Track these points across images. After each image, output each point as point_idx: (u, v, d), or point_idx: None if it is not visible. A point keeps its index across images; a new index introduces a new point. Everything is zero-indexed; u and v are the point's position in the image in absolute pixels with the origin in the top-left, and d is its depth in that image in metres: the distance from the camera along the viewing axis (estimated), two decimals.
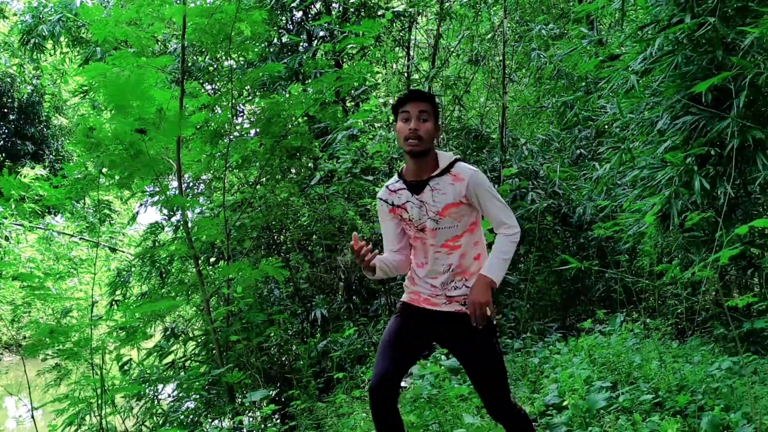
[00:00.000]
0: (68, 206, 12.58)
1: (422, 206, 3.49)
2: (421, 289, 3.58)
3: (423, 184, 3.52)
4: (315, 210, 9.22)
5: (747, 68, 4.85)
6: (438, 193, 3.48)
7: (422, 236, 3.54)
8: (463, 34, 12.44)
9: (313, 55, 11.23)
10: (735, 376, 5.06)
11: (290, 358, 8.68)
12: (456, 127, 10.98)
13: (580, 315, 9.73)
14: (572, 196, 9.84)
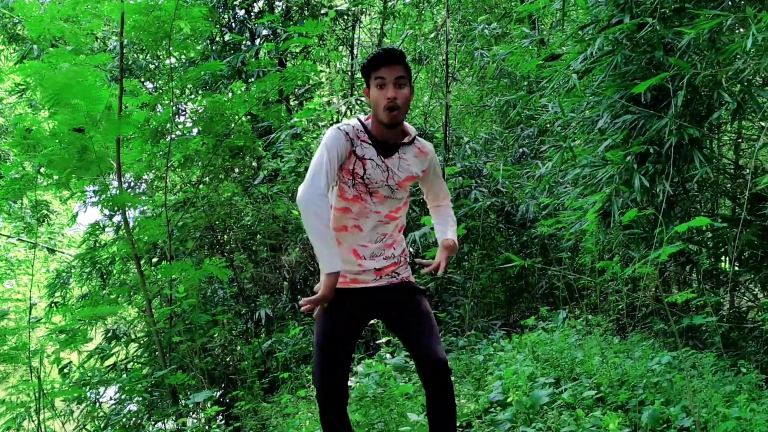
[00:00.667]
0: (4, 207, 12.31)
1: (386, 171, 3.27)
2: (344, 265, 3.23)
3: (394, 149, 3.32)
4: (259, 209, 9.16)
5: (684, 68, 4.94)
6: (404, 162, 3.33)
7: (367, 200, 3.28)
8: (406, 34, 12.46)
9: (256, 54, 11.16)
10: (674, 371, 5.16)
11: (234, 358, 8.61)
12: None
13: (524, 312, 9.82)
14: (515, 194, 9.93)
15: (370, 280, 3.33)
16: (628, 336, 7.06)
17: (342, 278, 3.24)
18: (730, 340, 6.61)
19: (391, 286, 3.36)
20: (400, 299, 3.36)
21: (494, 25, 11.31)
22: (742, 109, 5.23)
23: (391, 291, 3.37)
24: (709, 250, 6.93)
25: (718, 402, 4.22)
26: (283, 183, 9.23)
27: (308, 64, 7.84)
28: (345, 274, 3.27)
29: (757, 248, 6.28)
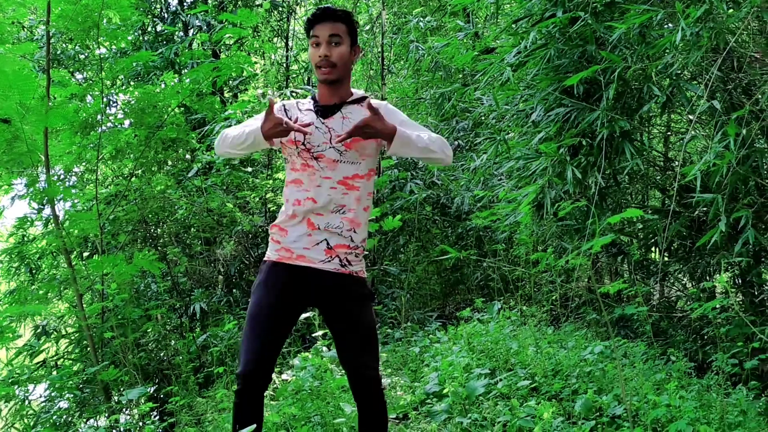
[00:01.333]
0: None
1: (328, 132, 3.18)
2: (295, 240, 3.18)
3: (334, 109, 3.24)
4: (193, 202, 9.05)
5: (615, 62, 5.01)
6: (349, 121, 3.19)
7: (314, 166, 3.17)
8: None
9: (189, 46, 11.00)
10: (606, 360, 5.24)
11: (169, 353, 8.49)
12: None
13: (459, 304, 9.90)
14: (450, 186, 9.98)
15: (318, 260, 3.17)
16: (561, 326, 7.16)
17: (288, 253, 3.19)
18: (660, 329, 6.76)
19: (339, 276, 3.19)
20: (344, 303, 3.22)
21: (429, 18, 11.35)
22: (671, 103, 5.33)
23: (338, 285, 3.20)
24: (640, 241, 7.07)
25: (648, 390, 4.30)
26: (218, 176, 9.14)
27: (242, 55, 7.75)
28: (292, 249, 3.19)
29: (685, 239, 6.41)
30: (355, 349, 3.20)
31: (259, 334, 3.09)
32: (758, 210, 5.41)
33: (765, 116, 4.97)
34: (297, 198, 3.20)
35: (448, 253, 6.23)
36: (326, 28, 3.13)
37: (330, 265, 3.18)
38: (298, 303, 3.24)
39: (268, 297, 3.16)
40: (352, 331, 3.20)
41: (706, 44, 4.82)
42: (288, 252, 3.19)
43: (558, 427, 4.11)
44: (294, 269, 3.18)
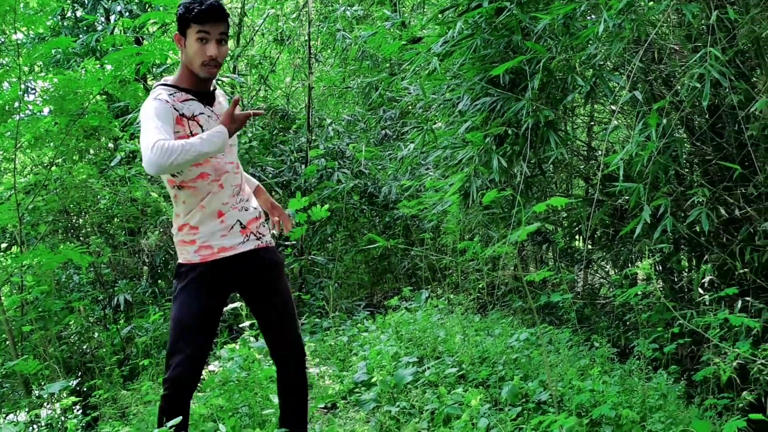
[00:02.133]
0: None
1: (217, 119, 3.19)
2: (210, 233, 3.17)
3: (212, 96, 3.26)
4: (116, 192, 8.87)
5: (540, 52, 5.06)
6: (221, 107, 3.29)
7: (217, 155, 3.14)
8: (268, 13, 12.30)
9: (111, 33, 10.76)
10: (532, 347, 5.32)
11: (92, 346, 8.32)
12: (262, 106, 10.87)
13: (387, 293, 9.93)
14: (378, 175, 9.99)
15: (237, 244, 3.22)
16: (488, 314, 7.24)
17: (207, 250, 3.19)
18: (584, 315, 6.89)
19: (258, 252, 3.28)
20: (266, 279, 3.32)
21: (356, 7, 11.32)
22: (595, 93, 5.41)
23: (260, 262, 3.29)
24: (564, 229, 7.19)
25: (573, 375, 4.38)
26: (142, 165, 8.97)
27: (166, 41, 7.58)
28: (211, 245, 3.19)
29: (608, 227, 6.55)
30: (280, 309, 3.33)
31: (188, 340, 3.09)
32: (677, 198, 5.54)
33: (684, 107, 5.09)
34: (208, 191, 3.17)
35: (375, 242, 6.23)
36: (216, 26, 3.09)
37: (248, 245, 3.26)
38: (223, 297, 3.30)
39: (195, 301, 3.17)
40: (275, 293, 3.33)
41: (628, 36, 4.91)
42: (207, 249, 3.20)
43: (485, 414, 4.15)
44: (216, 264, 3.20)
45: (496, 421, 4.03)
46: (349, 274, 10.19)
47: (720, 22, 4.95)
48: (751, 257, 5.47)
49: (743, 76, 5.64)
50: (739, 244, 5.56)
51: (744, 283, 5.64)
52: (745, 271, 5.49)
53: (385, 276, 10.49)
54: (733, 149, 5.79)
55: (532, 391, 4.36)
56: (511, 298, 7.39)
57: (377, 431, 4.41)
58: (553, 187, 7.43)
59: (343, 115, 11.81)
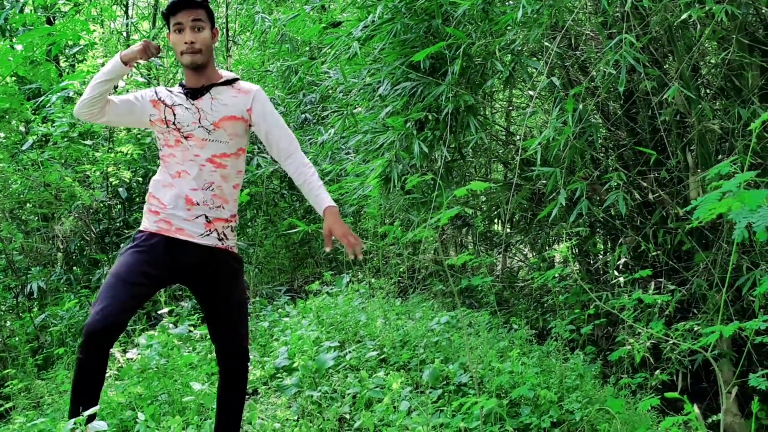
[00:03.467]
0: None
1: (197, 113, 3.27)
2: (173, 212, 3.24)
3: (203, 91, 3.33)
4: (28, 177, 8.61)
5: (460, 38, 5.09)
6: (218, 102, 3.31)
7: (184, 144, 3.26)
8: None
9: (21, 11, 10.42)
10: (453, 330, 5.37)
11: (4, 335, 8.09)
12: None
13: (308, 277, 9.91)
14: None
15: (197, 234, 3.25)
16: (409, 298, 7.28)
17: (166, 224, 3.24)
18: (503, 298, 6.99)
19: (216, 251, 3.29)
20: (220, 279, 3.33)
21: None
22: (513, 79, 5.48)
23: (215, 260, 3.30)
24: (484, 213, 7.27)
25: (492, 358, 4.44)
26: (55, 149, 8.73)
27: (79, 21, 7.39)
28: (171, 221, 3.24)
29: (526, 211, 6.64)
30: (229, 322, 3.34)
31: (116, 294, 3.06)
32: (593, 182, 5.66)
33: (600, 93, 5.19)
34: (175, 170, 3.29)
35: (296, 226, 6.21)
36: (188, 14, 3.22)
37: (209, 240, 3.27)
38: (164, 275, 3.28)
39: (138, 261, 3.18)
40: (227, 304, 3.33)
41: (545, 22, 4.97)
42: (167, 224, 3.25)
43: (406, 397, 4.18)
44: (171, 242, 3.24)
45: (417, 403, 4.07)
46: (269, 259, 10.12)
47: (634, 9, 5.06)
48: (663, 240, 5.62)
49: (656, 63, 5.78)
50: (652, 227, 5.71)
51: (657, 265, 5.80)
52: (658, 253, 5.64)
53: (305, 261, 10.46)
54: (647, 134, 5.94)
55: (452, 374, 4.41)
56: (431, 281, 7.46)
57: (299, 416, 4.40)
58: (473, 172, 7.50)
59: None
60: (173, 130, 3.28)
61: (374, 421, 3.97)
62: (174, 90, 3.38)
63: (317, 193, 3.34)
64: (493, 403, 3.31)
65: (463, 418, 3.74)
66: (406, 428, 3.80)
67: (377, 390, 4.33)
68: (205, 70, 3.33)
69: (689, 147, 5.67)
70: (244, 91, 3.37)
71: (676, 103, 5.54)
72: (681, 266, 5.70)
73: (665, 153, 5.72)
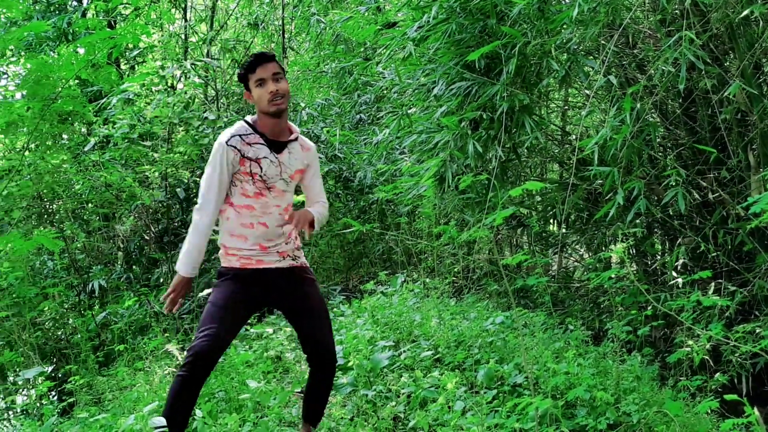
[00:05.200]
0: None
1: (279, 166, 3.60)
2: (252, 251, 3.60)
3: (283, 145, 3.64)
4: (90, 177, 8.79)
5: (516, 37, 5.07)
6: (292, 157, 3.66)
7: (266, 195, 3.59)
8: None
9: (83, 15, 10.64)
10: (507, 330, 5.35)
11: (67, 332, 8.27)
12: (236, 91, 10.80)
13: (363, 277, 9.93)
14: (353, 160, 9.97)
15: (274, 261, 3.63)
16: (463, 298, 7.26)
17: (248, 261, 3.61)
18: (559, 299, 6.93)
19: (292, 270, 3.69)
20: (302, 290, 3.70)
21: None
22: (569, 78, 5.43)
23: (292, 279, 3.69)
24: (539, 213, 7.21)
25: (548, 358, 4.41)
26: (116, 150, 8.89)
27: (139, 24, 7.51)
28: (251, 257, 3.61)
29: (582, 211, 6.58)
30: (316, 325, 3.69)
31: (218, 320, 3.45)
32: (650, 182, 5.58)
33: (658, 91, 5.12)
34: (250, 222, 3.60)
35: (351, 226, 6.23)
36: (266, 69, 3.54)
37: (284, 263, 3.68)
38: (254, 299, 3.69)
39: (232, 290, 3.59)
40: (310, 313, 3.69)
41: (602, 20, 4.92)
42: (248, 260, 3.61)
43: (461, 397, 4.17)
44: (256, 272, 3.63)
45: (472, 404, 4.06)
46: (324, 259, 10.19)
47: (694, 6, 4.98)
48: (723, 240, 5.52)
49: (716, 61, 5.68)
50: (712, 228, 5.61)
51: (717, 267, 5.70)
52: (717, 254, 5.54)
53: (360, 260, 10.50)
54: (707, 133, 5.84)
55: (507, 374, 4.39)
56: (486, 281, 7.42)
57: (354, 415, 4.42)
58: (528, 172, 7.45)
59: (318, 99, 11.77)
60: (258, 181, 3.57)
61: (429, 420, 3.98)
62: (250, 138, 3.59)
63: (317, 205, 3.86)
64: (548, 403, 3.29)
65: (518, 418, 3.72)
66: (461, 428, 3.79)
67: (432, 390, 4.34)
68: (283, 117, 3.63)
69: (751, 146, 5.56)
70: (307, 148, 3.76)
71: (737, 101, 5.44)
72: (742, 267, 5.59)
73: (725, 152, 5.61)
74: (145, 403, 4.52)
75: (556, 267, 8.10)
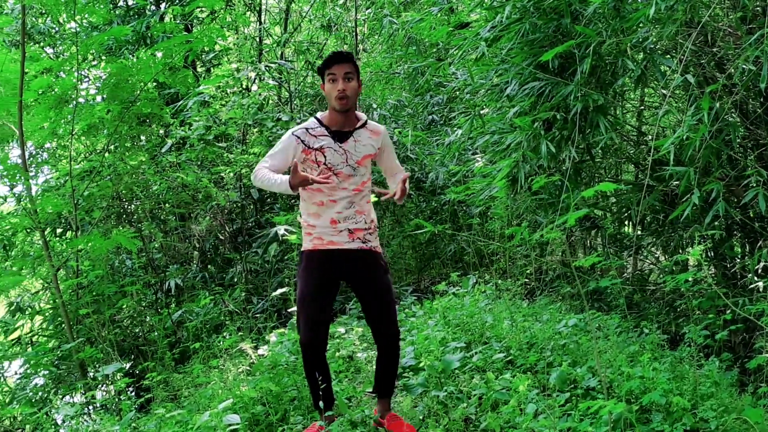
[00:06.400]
0: None
1: (344, 154, 3.99)
2: (323, 231, 4.01)
3: (348, 135, 4.03)
4: (167, 178, 8.97)
5: (590, 36, 5.00)
6: (359, 144, 4.05)
7: (333, 180, 3.96)
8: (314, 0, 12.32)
9: (161, 19, 10.86)
10: (581, 333, 5.28)
11: (144, 329, 8.46)
12: (310, 93, 10.90)
13: (434, 278, 9.92)
14: (425, 161, 9.97)
15: (344, 242, 4.02)
16: (536, 300, 7.20)
17: (319, 240, 4.03)
18: (634, 301, 6.81)
19: (361, 252, 4.05)
20: (367, 273, 4.08)
21: None
22: (645, 77, 5.34)
23: (361, 259, 4.06)
24: (614, 215, 7.11)
25: (622, 362, 4.34)
26: (192, 151, 9.07)
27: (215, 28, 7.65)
28: (322, 237, 4.03)
29: (658, 212, 6.45)
30: (381, 308, 4.06)
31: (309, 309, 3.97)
32: (730, 183, 5.45)
33: (738, 90, 5.00)
34: (321, 200, 4.03)
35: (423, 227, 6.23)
36: (341, 67, 3.92)
37: (354, 245, 4.05)
38: (333, 278, 4.09)
39: (311, 279, 4.02)
40: (376, 292, 4.07)
41: (680, 18, 4.83)
42: (320, 240, 4.04)
43: (533, 400, 4.14)
44: (326, 253, 4.04)
45: (544, 406, 4.02)
46: (396, 260, 10.21)
47: None
48: None
49: None
50: None
51: None
52: None
53: (432, 261, 10.49)
54: None
55: (580, 377, 4.34)
56: (559, 283, 7.35)
57: (425, 416, 4.43)
58: (602, 173, 7.34)
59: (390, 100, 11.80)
60: (324, 169, 3.97)
61: (500, 422, 3.96)
62: (316, 131, 4.05)
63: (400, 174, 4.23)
64: (622, 407, 3.24)
65: (592, 422, 3.67)
66: (533, 431, 3.76)
67: (503, 392, 4.31)
68: (349, 114, 4.03)
69: None
70: (376, 132, 4.13)
71: None
72: None
73: None
74: (220, 400, 4.61)
75: (631, 269, 7.97)
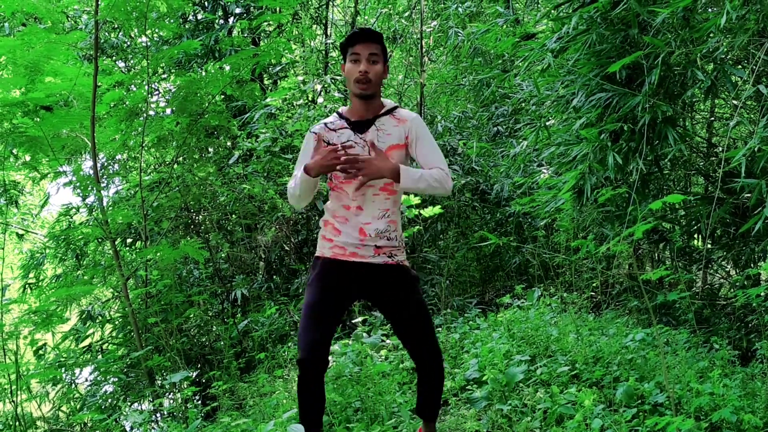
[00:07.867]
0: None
1: (366, 145, 3.45)
2: (347, 239, 3.46)
3: (368, 123, 3.51)
4: (234, 189, 9.11)
5: (659, 46, 4.95)
6: (383, 133, 3.49)
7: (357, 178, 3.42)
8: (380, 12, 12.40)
9: (229, 33, 11.05)
10: (648, 347, 5.20)
11: (210, 338, 8.59)
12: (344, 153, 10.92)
13: (499, 290, 9.88)
14: (490, 172, 9.94)
15: (368, 256, 3.46)
16: (602, 313, 7.11)
17: (342, 250, 3.47)
18: (703, 316, 6.68)
19: (386, 267, 3.49)
20: (397, 291, 3.52)
21: (468, 4, 11.28)
22: (716, 88, 5.25)
23: (387, 275, 3.50)
24: (682, 227, 6.98)
25: (691, 378, 4.26)
26: (258, 162, 9.19)
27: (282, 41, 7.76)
28: (345, 247, 3.47)
29: (729, 226, 6.33)
30: (413, 326, 3.52)
31: (312, 325, 3.33)
32: None
33: None
34: (346, 204, 3.49)
35: (487, 239, 6.22)
36: (365, 47, 3.43)
37: (379, 259, 3.48)
38: (348, 295, 3.54)
39: (321, 292, 3.43)
40: (407, 311, 3.51)
41: (752, 27, 4.74)
42: (341, 249, 3.48)
43: (599, 414, 4.08)
44: (346, 264, 3.48)
45: (610, 422, 3.97)
46: (460, 272, 10.19)
47: None
48: None
49: None
50: None
51: None
52: None
53: (496, 273, 10.44)
54: None
55: (648, 393, 4.27)
56: (626, 297, 7.25)
57: (488, 429, 4.40)
58: (671, 185, 7.23)
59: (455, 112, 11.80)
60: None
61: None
62: (335, 125, 3.56)
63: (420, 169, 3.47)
64: (690, 424, 3.19)
65: None
66: None
67: (569, 406, 4.26)
68: (372, 101, 3.51)
69: None
70: (403, 119, 3.52)
71: None
72: None
73: None
74: (284, 410, 4.65)
75: (701, 283, 7.82)
